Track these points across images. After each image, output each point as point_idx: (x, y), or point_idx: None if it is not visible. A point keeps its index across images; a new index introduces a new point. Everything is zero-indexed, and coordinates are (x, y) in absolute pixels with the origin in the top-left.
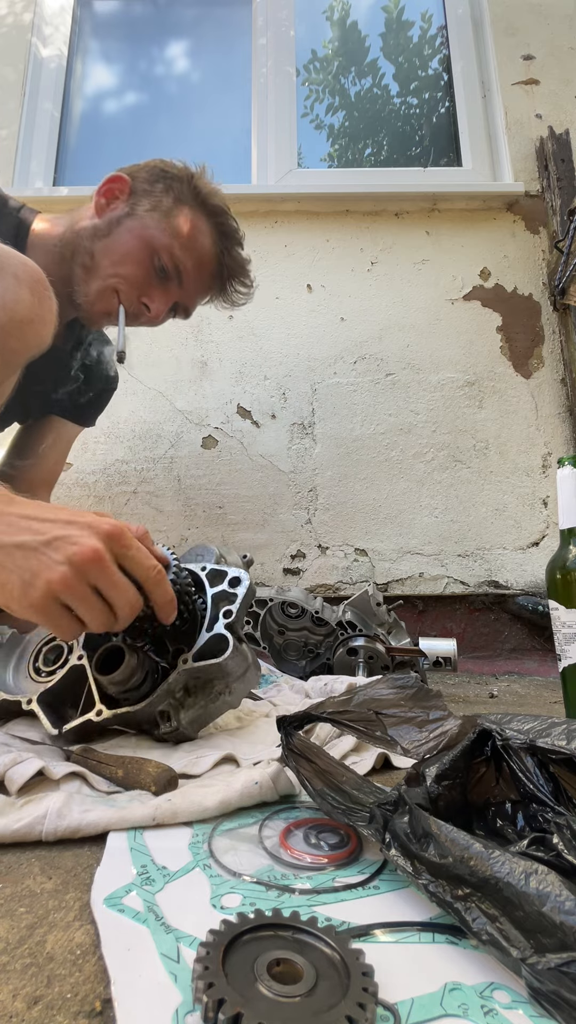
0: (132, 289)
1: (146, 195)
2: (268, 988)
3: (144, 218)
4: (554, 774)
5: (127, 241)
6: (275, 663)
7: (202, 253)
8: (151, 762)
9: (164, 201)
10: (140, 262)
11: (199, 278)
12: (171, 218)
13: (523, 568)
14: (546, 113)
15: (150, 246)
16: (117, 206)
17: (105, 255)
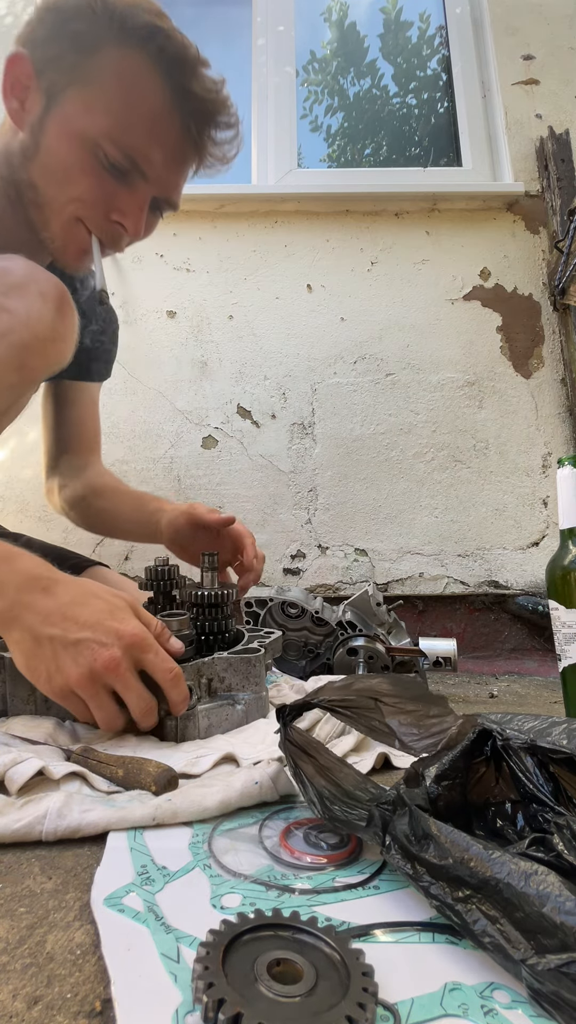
0: (94, 210)
1: (53, 66)
2: (268, 988)
3: (65, 106)
4: (554, 774)
5: (58, 150)
6: (275, 663)
7: (151, 113)
8: (151, 762)
9: (77, 63)
10: (84, 169)
11: (163, 150)
12: (94, 87)
13: (523, 568)
14: (546, 113)
15: (85, 143)
16: (33, 102)
17: (46, 180)
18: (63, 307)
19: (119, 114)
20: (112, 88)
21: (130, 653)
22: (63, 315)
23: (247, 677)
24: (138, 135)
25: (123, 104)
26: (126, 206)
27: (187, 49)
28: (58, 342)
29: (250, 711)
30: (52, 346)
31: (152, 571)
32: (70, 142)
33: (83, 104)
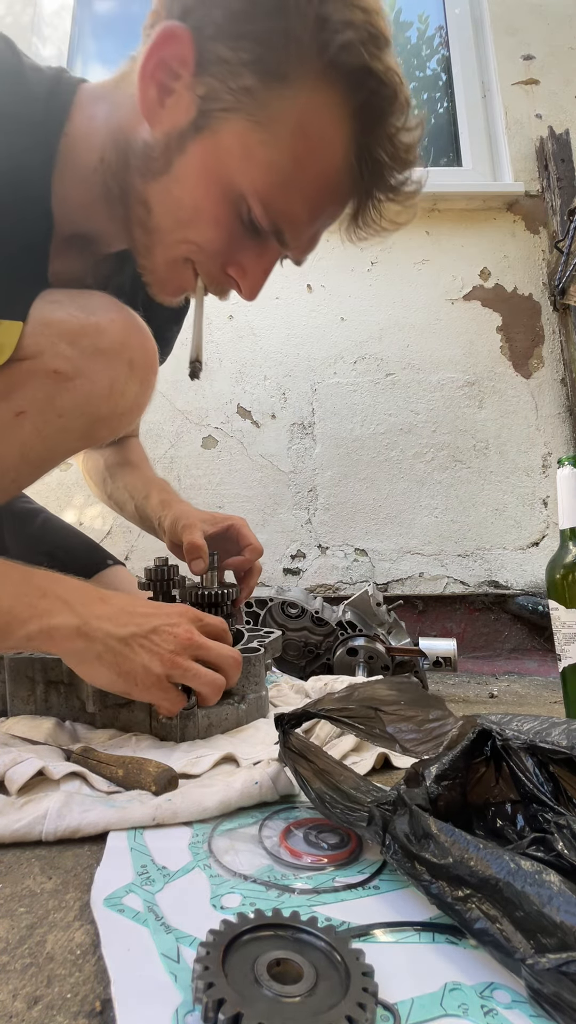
0: (211, 260)
1: (222, 71)
2: (268, 988)
3: (220, 134)
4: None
5: (194, 188)
6: (275, 663)
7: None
8: (151, 762)
9: (253, 86)
10: (218, 221)
11: (317, 223)
12: (265, 128)
13: (523, 568)
14: (546, 113)
15: (231, 193)
16: (178, 103)
17: (166, 209)
18: (148, 377)
19: (284, 175)
20: (286, 140)
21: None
22: (147, 387)
23: (247, 676)
24: (295, 205)
25: (293, 164)
26: (249, 265)
27: (395, 100)
28: (134, 413)
29: (250, 710)
30: (126, 419)
31: (152, 571)
32: (211, 185)
33: (243, 147)
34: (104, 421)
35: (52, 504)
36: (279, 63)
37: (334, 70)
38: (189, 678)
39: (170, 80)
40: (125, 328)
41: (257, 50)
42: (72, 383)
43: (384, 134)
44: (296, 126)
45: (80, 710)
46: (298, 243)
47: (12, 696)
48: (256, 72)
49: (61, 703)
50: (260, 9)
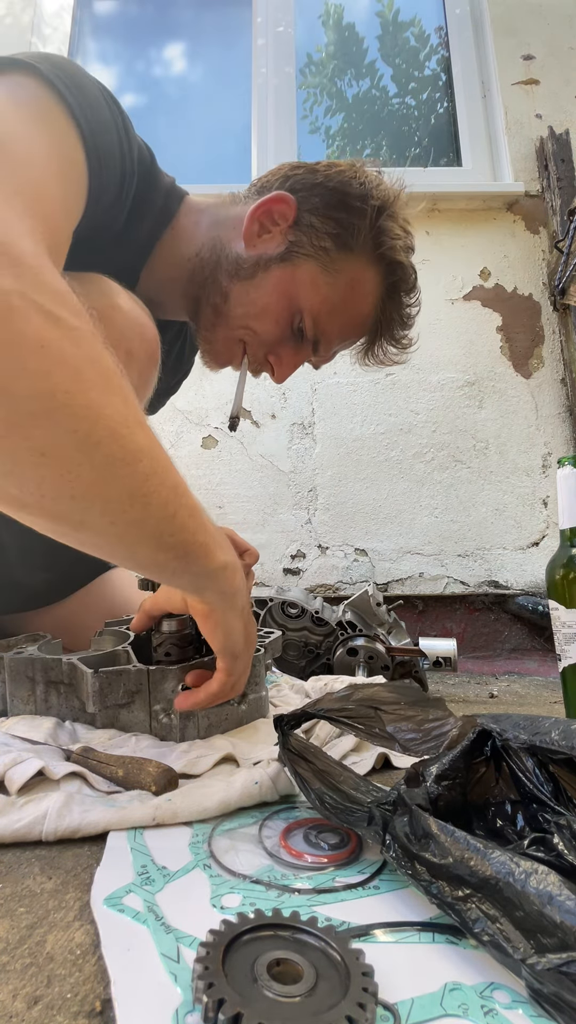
0: (260, 347)
1: (310, 232)
2: (268, 988)
3: (298, 268)
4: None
5: (269, 294)
6: (275, 663)
7: (355, 319)
8: (151, 762)
9: (329, 248)
10: (278, 321)
11: (344, 344)
12: (330, 275)
13: (523, 568)
14: (546, 113)
15: (294, 307)
16: (272, 239)
17: (241, 303)
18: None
19: (333, 307)
20: (341, 288)
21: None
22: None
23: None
24: (334, 328)
25: (341, 303)
26: (286, 358)
27: (408, 283)
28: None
29: (250, 710)
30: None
31: None
32: (283, 298)
33: (312, 282)
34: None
35: None
36: (350, 241)
37: (381, 258)
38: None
39: (270, 224)
40: (125, 316)
41: (338, 229)
42: None
43: (399, 304)
44: (350, 281)
45: (80, 710)
46: (325, 354)
47: (12, 696)
48: (333, 241)
49: (61, 703)
50: (346, 208)
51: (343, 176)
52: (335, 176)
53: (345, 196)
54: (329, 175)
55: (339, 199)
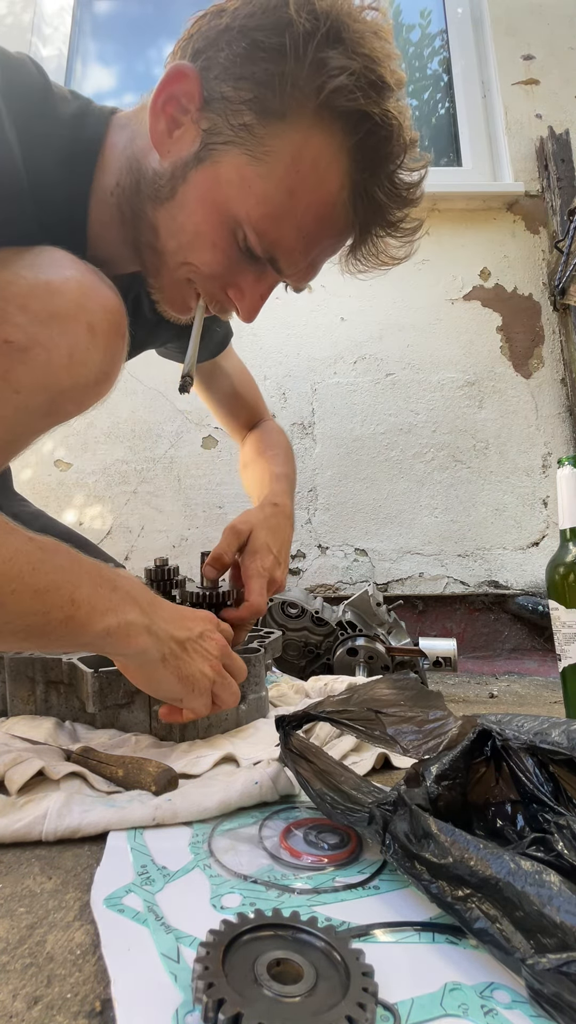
0: (210, 281)
1: (224, 108)
2: (268, 988)
3: (220, 166)
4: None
5: (194, 213)
6: (275, 663)
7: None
8: (151, 762)
9: (251, 123)
10: (215, 244)
11: (312, 254)
12: (261, 163)
13: (523, 568)
14: (546, 113)
15: (229, 221)
16: (185, 135)
17: (169, 233)
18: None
19: (278, 206)
20: (281, 174)
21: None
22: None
23: (247, 677)
24: (289, 233)
25: (287, 196)
26: (247, 289)
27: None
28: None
29: (250, 711)
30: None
31: (151, 572)
32: (210, 212)
33: (240, 177)
34: (67, 395)
35: (52, 504)
36: (276, 103)
37: (328, 111)
38: (225, 687)
39: (179, 114)
40: (81, 287)
41: (256, 90)
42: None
43: (382, 173)
44: (291, 161)
45: (80, 710)
46: (294, 271)
47: (12, 696)
48: (255, 110)
49: (61, 703)
50: (260, 53)
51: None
52: (244, 6)
53: (257, 34)
54: (238, 9)
55: (251, 42)
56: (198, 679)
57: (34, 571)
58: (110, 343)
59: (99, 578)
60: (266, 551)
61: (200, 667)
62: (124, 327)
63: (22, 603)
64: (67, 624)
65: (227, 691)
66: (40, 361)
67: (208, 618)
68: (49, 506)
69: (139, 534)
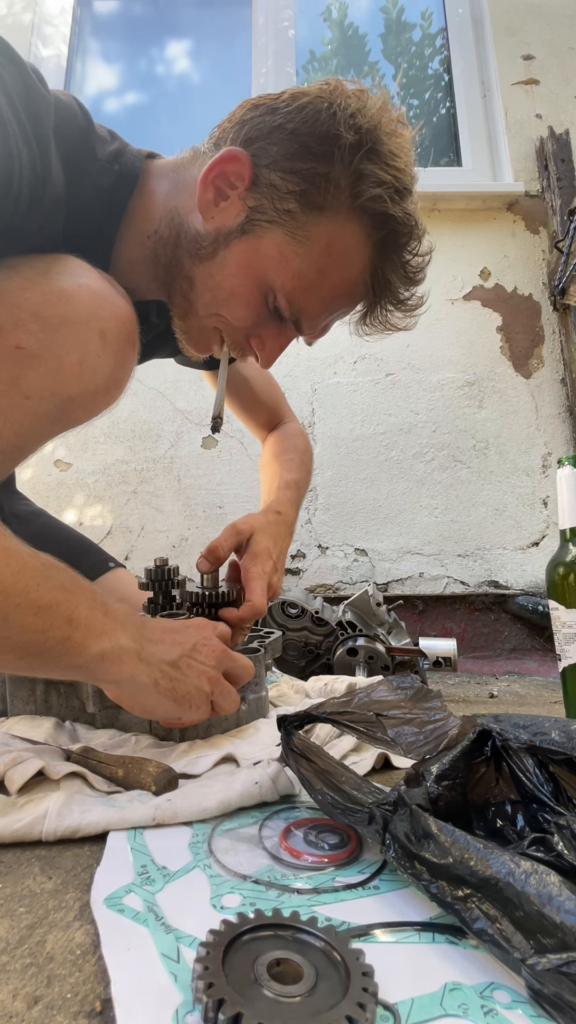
0: (237, 331)
1: (271, 193)
2: (268, 988)
3: (262, 240)
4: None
5: (234, 276)
6: (275, 663)
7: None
8: (151, 762)
9: (295, 210)
10: (248, 304)
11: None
12: (299, 244)
13: (523, 568)
14: (546, 113)
15: (264, 286)
16: (230, 207)
17: (207, 287)
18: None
19: (309, 281)
20: (315, 256)
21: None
22: (123, 361)
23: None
24: (314, 303)
25: (318, 274)
26: (269, 340)
27: (404, 234)
28: (111, 390)
29: (250, 711)
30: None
31: (151, 572)
32: (248, 276)
33: (280, 253)
34: (76, 401)
35: (52, 504)
36: (319, 198)
37: (361, 210)
38: (223, 694)
39: (227, 188)
40: (94, 295)
41: (303, 184)
42: (38, 360)
43: (398, 261)
44: (324, 247)
45: (80, 710)
46: (311, 331)
47: (12, 696)
48: (299, 201)
49: (61, 703)
50: (309, 155)
51: (307, 110)
52: (296, 113)
53: (308, 139)
54: (290, 113)
55: (301, 144)
56: (194, 696)
57: (39, 587)
58: (121, 350)
59: (93, 601)
60: (267, 555)
61: (196, 683)
62: (135, 335)
63: (24, 618)
64: (64, 644)
65: (226, 699)
66: (51, 367)
67: (202, 625)
68: (49, 506)
69: (139, 534)
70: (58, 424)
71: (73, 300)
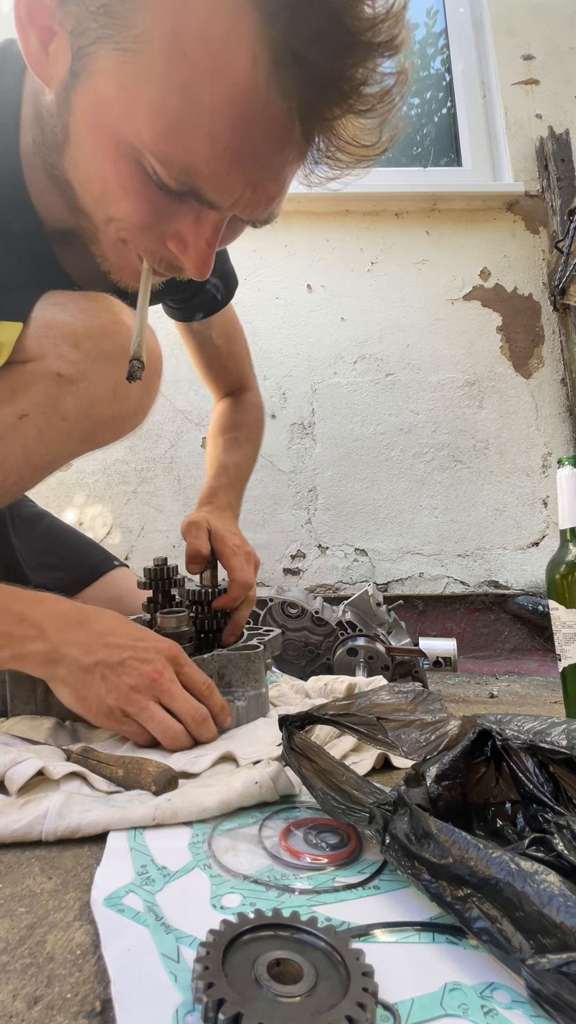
0: (142, 235)
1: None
2: (268, 988)
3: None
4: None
5: (91, 150)
6: (275, 663)
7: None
8: (151, 762)
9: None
10: (124, 186)
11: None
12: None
13: (523, 568)
14: (546, 113)
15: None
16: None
17: (81, 186)
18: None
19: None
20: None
21: (170, 666)
22: (150, 390)
23: (247, 674)
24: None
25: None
26: (188, 235)
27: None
28: (137, 416)
29: (250, 708)
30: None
31: (151, 571)
32: (103, 142)
33: (119, 87)
34: (107, 424)
35: (52, 504)
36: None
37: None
38: (144, 718)
39: (45, 24)
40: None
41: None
42: (75, 386)
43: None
44: (170, 38)
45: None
46: (230, 199)
47: (13, 697)
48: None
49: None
50: None
51: None
52: None
53: None
54: None
55: None
56: (94, 702)
57: None
58: (149, 380)
59: (5, 614)
60: (229, 534)
61: (100, 692)
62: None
63: None
64: None
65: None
66: (87, 394)
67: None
68: (49, 506)
69: (139, 534)
70: (85, 444)
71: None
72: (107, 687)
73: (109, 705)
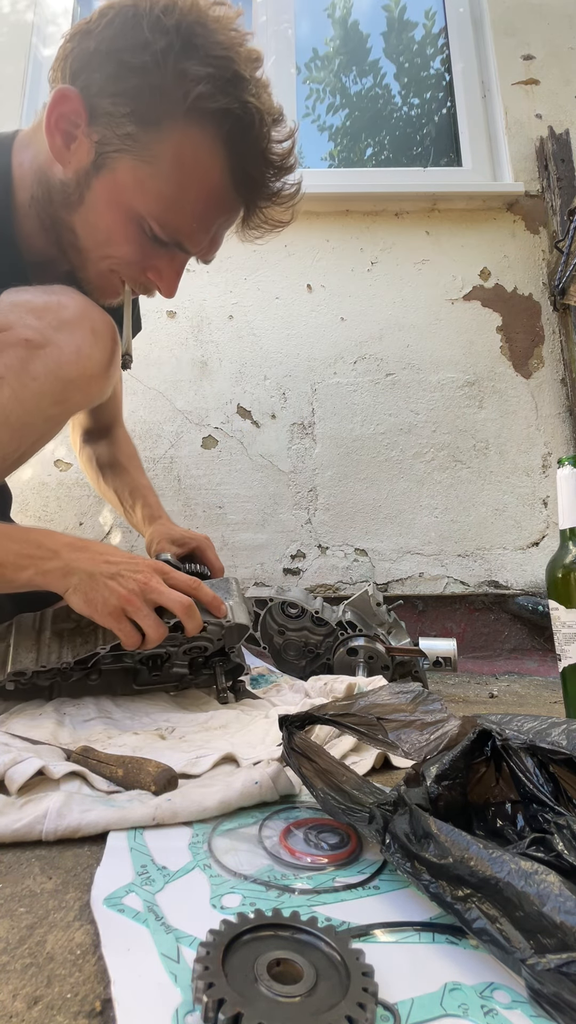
0: (130, 268)
1: (110, 122)
2: (268, 988)
3: (116, 172)
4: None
5: (105, 215)
6: (275, 663)
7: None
8: (151, 762)
9: (134, 132)
10: (128, 238)
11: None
12: (149, 164)
13: (523, 568)
14: (546, 113)
15: (132, 217)
16: (79, 148)
17: (87, 233)
18: (112, 345)
19: (171, 200)
20: (168, 172)
21: (157, 574)
22: (110, 353)
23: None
24: (186, 220)
25: (177, 190)
26: (164, 269)
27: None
28: (102, 379)
29: (236, 609)
30: (96, 383)
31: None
32: (117, 212)
33: (135, 181)
34: (75, 384)
35: (52, 504)
36: (151, 113)
37: (197, 113)
38: (140, 617)
39: (71, 129)
40: (84, 303)
41: (132, 104)
42: (42, 350)
43: (254, 153)
44: (173, 160)
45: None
46: (198, 248)
47: (16, 646)
48: (134, 121)
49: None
50: (128, 71)
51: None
52: (106, 30)
53: (123, 55)
54: (101, 32)
55: (118, 63)
56: (99, 603)
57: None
58: (108, 345)
59: (24, 542)
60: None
61: (105, 595)
62: (118, 336)
63: None
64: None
65: (144, 620)
66: (53, 356)
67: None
68: (49, 506)
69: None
70: (59, 405)
71: (68, 307)
72: (109, 591)
73: (112, 605)
